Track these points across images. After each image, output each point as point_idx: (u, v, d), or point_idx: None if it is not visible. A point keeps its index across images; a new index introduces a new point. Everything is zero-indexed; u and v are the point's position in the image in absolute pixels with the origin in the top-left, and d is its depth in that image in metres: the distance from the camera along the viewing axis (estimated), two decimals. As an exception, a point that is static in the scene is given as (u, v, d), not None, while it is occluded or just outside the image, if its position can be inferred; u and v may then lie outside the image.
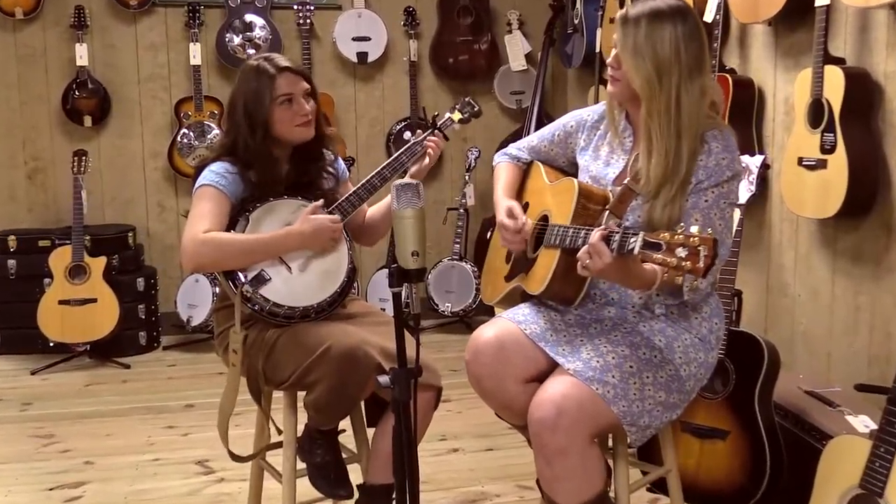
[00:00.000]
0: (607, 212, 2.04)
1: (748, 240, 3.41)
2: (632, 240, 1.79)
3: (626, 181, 2.05)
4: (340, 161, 2.60)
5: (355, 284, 4.84)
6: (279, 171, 2.40)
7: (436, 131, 2.59)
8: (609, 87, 2.12)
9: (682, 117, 2.00)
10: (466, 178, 4.84)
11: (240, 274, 2.27)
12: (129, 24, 4.78)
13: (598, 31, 4.29)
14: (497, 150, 2.57)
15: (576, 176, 2.30)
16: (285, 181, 2.41)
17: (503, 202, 2.29)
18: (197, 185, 2.34)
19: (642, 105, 2.03)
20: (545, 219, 2.21)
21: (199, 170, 2.38)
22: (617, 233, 1.84)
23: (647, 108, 2.02)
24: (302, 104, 2.38)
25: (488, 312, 2.55)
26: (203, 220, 2.26)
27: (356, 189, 2.45)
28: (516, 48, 5.02)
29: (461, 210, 4.82)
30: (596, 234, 1.86)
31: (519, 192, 2.39)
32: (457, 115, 2.69)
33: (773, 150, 3.29)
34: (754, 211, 3.37)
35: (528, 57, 5.03)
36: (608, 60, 2.10)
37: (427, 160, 2.53)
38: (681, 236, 1.69)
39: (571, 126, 2.30)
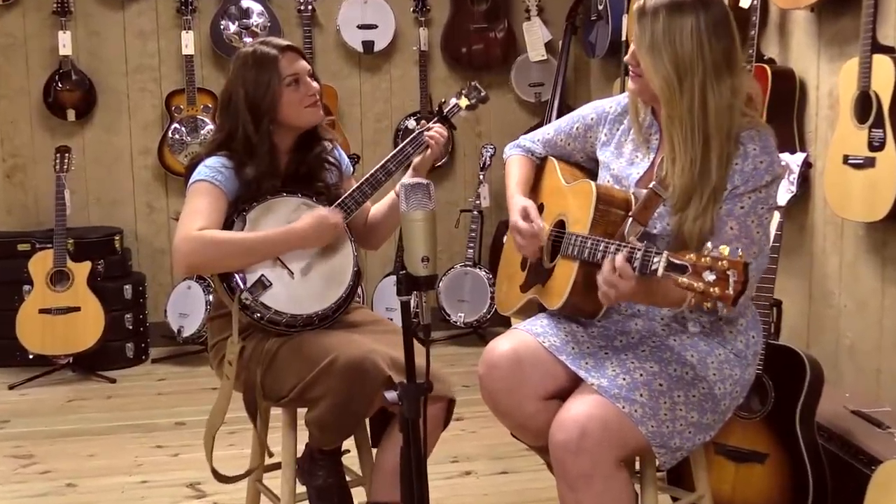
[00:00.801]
0: (631, 219, 2.02)
1: (788, 245, 3.39)
2: (655, 259, 1.78)
3: (651, 185, 2.03)
4: (342, 153, 2.60)
5: (360, 292, 4.85)
6: (279, 162, 2.42)
7: (442, 119, 2.60)
8: (629, 83, 2.11)
9: (710, 121, 1.97)
10: (481, 177, 4.84)
11: (238, 279, 2.28)
12: (117, 11, 4.80)
13: (625, 18, 4.29)
14: (511, 145, 2.56)
15: (595, 173, 2.30)
16: (284, 174, 2.42)
17: (517, 201, 2.27)
18: (191, 181, 2.35)
19: (662, 108, 2.01)
20: (561, 224, 2.20)
21: (192, 167, 2.39)
22: (639, 250, 1.83)
23: (668, 113, 1.99)
24: (309, 83, 2.41)
25: (504, 323, 2.55)
26: (197, 217, 2.27)
27: (359, 185, 2.45)
28: (535, 36, 5.02)
29: (475, 212, 4.81)
30: (619, 257, 1.85)
31: (533, 190, 2.38)
32: (464, 101, 2.69)
33: (815, 148, 3.28)
34: (795, 213, 3.35)
35: (548, 46, 5.03)
36: (626, 57, 2.09)
37: (429, 151, 2.53)
38: (708, 258, 1.68)
39: (592, 118, 2.28)
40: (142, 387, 4.33)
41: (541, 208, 2.34)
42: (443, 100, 2.72)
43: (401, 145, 2.54)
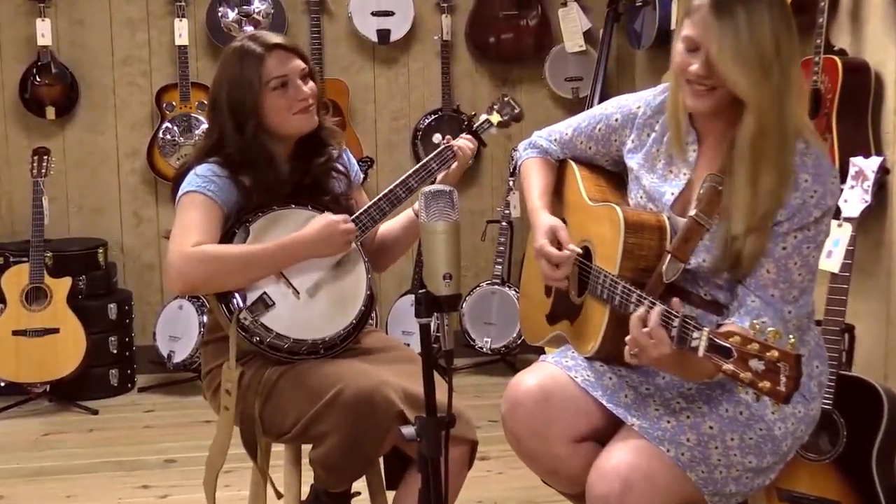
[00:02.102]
0: (669, 255, 2.00)
1: (862, 262, 3.36)
2: (694, 335, 1.77)
3: (693, 212, 2.00)
4: (351, 157, 2.61)
5: (373, 314, 4.84)
6: (278, 172, 2.42)
7: (471, 134, 2.64)
8: (691, 101, 2.00)
9: (789, 128, 1.94)
10: (510, 183, 4.84)
11: (237, 297, 2.29)
12: (103, -4, 4.85)
13: (674, 4, 4.28)
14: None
15: (621, 177, 2.28)
16: (287, 185, 2.43)
17: (543, 219, 2.25)
18: (180, 192, 2.37)
19: (750, 121, 1.93)
20: (587, 252, 2.19)
21: (180, 176, 2.41)
22: (676, 316, 1.81)
23: (760, 125, 1.92)
24: (299, 87, 2.40)
25: (537, 350, 2.53)
26: (190, 233, 2.28)
27: (376, 201, 2.46)
28: (573, 25, 5.02)
29: (504, 223, 4.81)
30: (654, 317, 1.83)
31: (554, 202, 2.37)
32: (495, 118, 2.75)
33: (893, 151, 3.26)
34: (870, 226, 3.33)
35: (587, 35, 5.02)
36: (694, 68, 1.96)
37: (455, 165, 2.54)
38: (756, 345, 1.66)
39: (616, 120, 2.25)
40: (127, 419, 4.34)
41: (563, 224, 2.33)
42: (473, 113, 2.76)
43: (424, 160, 2.56)
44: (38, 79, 4.70)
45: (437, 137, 4.86)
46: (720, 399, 2.02)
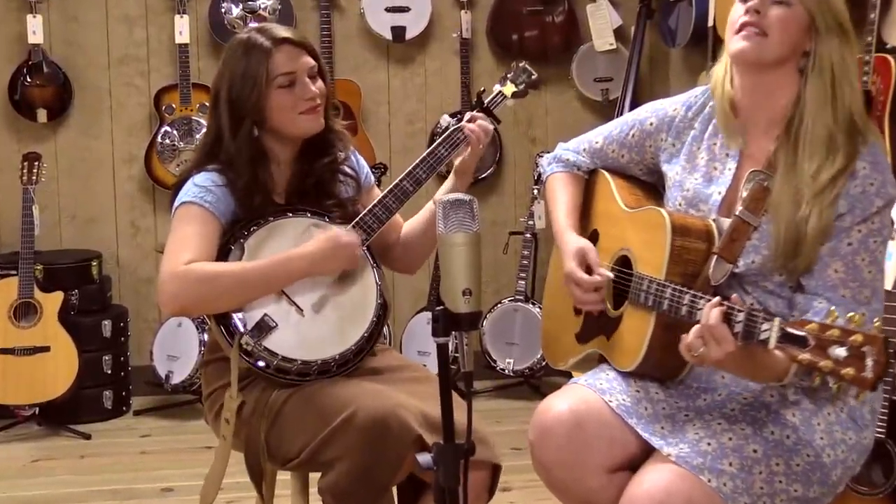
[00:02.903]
0: (715, 256, 2.02)
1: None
2: (763, 327, 1.77)
3: (738, 210, 2.02)
4: (361, 159, 2.62)
5: (386, 331, 4.82)
6: (276, 176, 2.43)
7: (483, 112, 2.59)
8: (738, 45, 2.05)
9: (845, 103, 1.99)
10: (535, 192, 4.84)
11: (237, 321, 2.29)
12: (98, -9, 4.88)
13: (712, 0, 4.27)
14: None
15: (658, 189, 2.29)
16: (287, 189, 2.44)
17: (570, 241, 2.27)
18: (176, 203, 2.37)
19: (821, 60, 2.01)
20: (625, 261, 2.20)
21: (179, 185, 2.41)
22: (741, 311, 1.81)
23: (832, 81, 2.00)
24: (307, 85, 2.41)
25: (564, 372, 2.52)
26: (185, 248, 2.29)
27: (381, 198, 2.46)
28: (602, 21, 5.02)
29: (528, 235, 4.81)
30: (714, 314, 1.83)
31: (582, 214, 2.38)
32: (509, 88, 2.68)
33: (950, 158, 3.24)
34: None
35: (618, 32, 5.03)
36: (749, 3, 2.03)
37: (469, 150, 2.53)
38: (836, 330, 1.66)
39: (651, 124, 2.27)
40: (122, 444, 4.35)
41: (594, 236, 2.34)
42: (482, 89, 2.72)
43: (431, 147, 2.54)
44: (28, 79, 4.73)
45: (444, 119, 4.87)
46: (765, 421, 2.01)
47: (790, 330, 1.72)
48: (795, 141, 2.01)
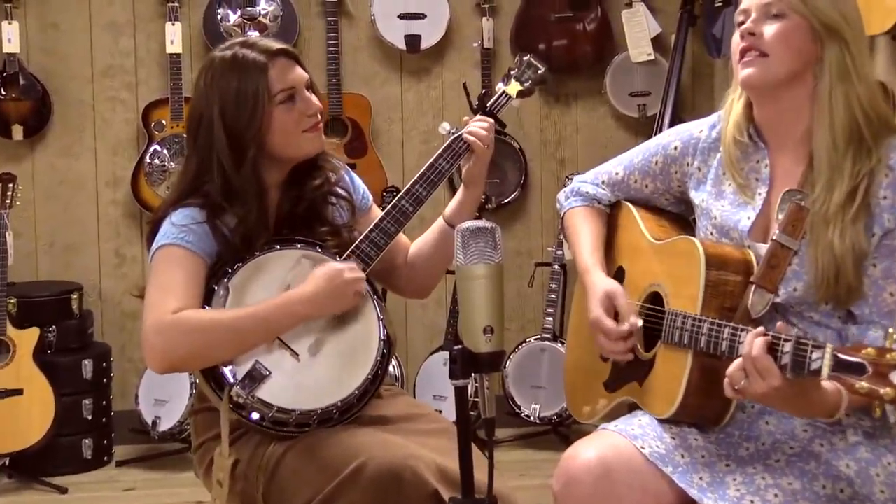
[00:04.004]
0: (753, 286, 2.03)
1: None
2: (814, 356, 1.77)
3: (775, 234, 2.04)
4: (356, 179, 2.62)
5: (398, 372, 4.81)
6: (268, 206, 2.44)
7: (485, 115, 2.58)
8: (742, 74, 2.12)
9: (864, 110, 2.03)
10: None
11: (226, 371, 2.29)
12: (81, -5, 4.92)
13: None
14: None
15: (686, 219, 2.30)
16: (276, 218, 2.45)
17: (597, 282, 2.28)
18: (154, 246, 2.38)
19: (819, 85, 2.05)
20: (656, 298, 2.20)
21: (156, 223, 2.42)
22: (787, 340, 1.82)
23: (830, 88, 2.04)
24: (308, 99, 2.43)
25: (595, 419, 2.54)
26: (169, 296, 2.29)
27: (378, 221, 2.46)
28: (639, 29, 5.03)
29: (556, 266, 4.81)
30: (758, 343, 1.84)
31: (606, 250, 2.39)
32: (514, 87, 2.65)
33: None
34: None
35: (657, 42, 5.04)
36: (742, 23, 2.11)
37: (474, 159, 2.52)
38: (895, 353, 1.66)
39: (675, 148, 2.30)
40: (103, 499, 4.35)
41: (620, 274, 2.34)
42: (483, 91, 2.70)
43: (431, 159, 2.54)
44: (3, 92, 4.75)
45: (444, 127, 4.87)
46: (816, 473, 2.01)
47: (844, 356, 1.72)
48: (820, 156, 2.05)
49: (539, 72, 2.67)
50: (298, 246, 2.41)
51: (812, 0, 2.05)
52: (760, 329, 1.88)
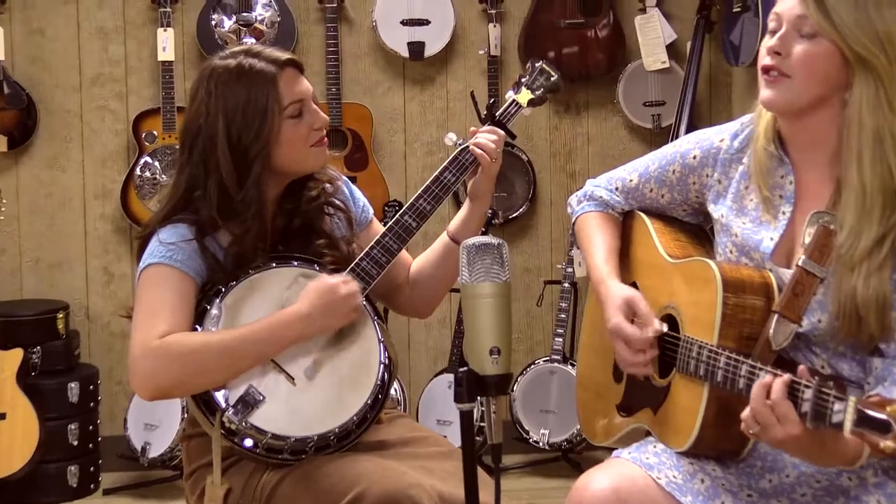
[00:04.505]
0: (776, 315, 2.02)
1: None
2: (835, 408, 1.75)
3: (801, 259, 2.02)
4: (355, 190, 2.62)
5: (400, 395, 4.81)
6: (266, 223, 2.44)
7: (494, 125, 2.58)
8: (762, 93, 2.09)
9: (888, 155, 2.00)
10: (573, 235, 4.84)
11: (217, 396, 2.29)
12: (68, 1, 4.89)
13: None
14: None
15: (708, 234, 2.29)
16: (272, 233, 2.45)
17: (613, 289, 2.26)
18: (141, 265, 2.38)
19: (848, 112, 2.01)
20: (670, 321, 2.19)
21: (144, 240, 2.42)
22: (808, 387, 1.80)
23: (860, 122, 2.00)
24: (316, 112, 2.44)
25: (607, 447, 2.51)
26: (157, 318, 2.29)
27: (380, 237, 2.46)
28: (653, 36, 5.04)
29: (566, 284, 4.81)
30: (777, 388, 1.83)
31: (621, 264, 2.38)
32: (524, 95, 2.64)
33: None
34: None
35: (672, 49, 5.05)
36: (769, 44, 2.07)
37: (480, 172, 2.52)
38: None
39: (694, 157, 2.28)
40: (89, 528, 4.34)
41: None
42: (492, 100, 2.69)
43: (436, 172, 2.54)
44: (-13, 102, 4.77)
45: (449, 138, 4.86)
46: (841, 509, 2.00)
47: (869, 412, 1.70)
48: (848, 199, 2.02)
49: (552, 79, 2.65)
50: (295, 264, 2.42)
51: (845, 26, 2.00)
52: (784, 377, 1.86)
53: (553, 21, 5.02)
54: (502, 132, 2.57)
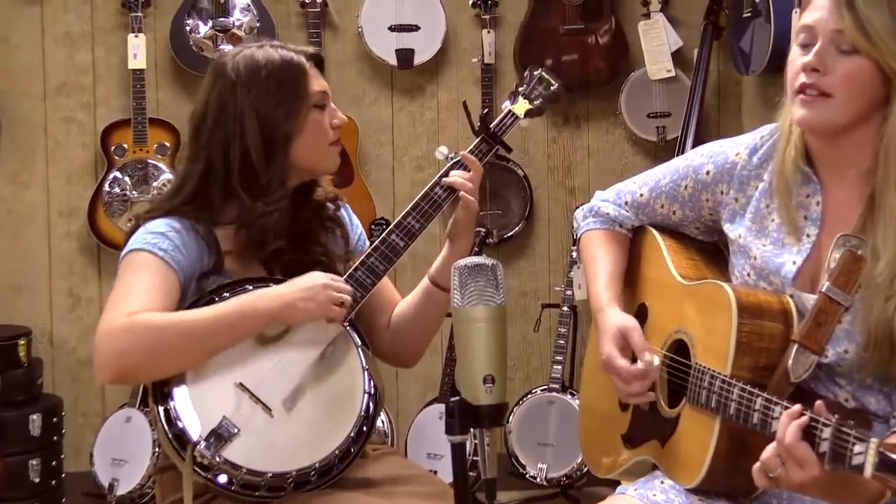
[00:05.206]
0: (796, 345, 2.01)
1: None
2: (856, 450, 1.75)
3: (825, 286, 2.02)
4: (354, 217, 2.64)
5: (387, 428, 4.80)
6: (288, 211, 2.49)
7: (489, 138, 2.58)
8: (798, 113, 2.07)
9: None
10: (574, 254, 4.84)
11: (187, 426, 2.28)
12: (32, 4, 4.90)
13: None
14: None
15: (724, 253, 2.29)
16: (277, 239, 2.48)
17: (609, 317, 2.27)
18: (124, 251, 2.40)
19: (887, 128, 2.01)
20: (680, 347, 2.20)
21: (127, 240, 2.45)
22: (827, 425, 1.80)
23: (884, 149, 2.00)
24: (335, 110, 2.52)
25: (611, 481, 2.50)
26: (129, 300, 2.31)
27: (365, 257, 2.48)
28: (658, 43, 5.05)
29: (565, 308, 4.81)
30: (792, 430, 1.83)
31: (627, 279, 2.38)
32: (522, 106, 2.63)
33: None
34: None
35: (678, 57, 5.06)
36: (808, 59, 2.06)
37: (460, 210, 2.52)
38: None
39: (708, 172, 2.28)
40: (53, 571, 4.33)
41: (642, 312, 2.34)
42: (486, 110, 2.68)
43: (426, 188, 2.55)
44: (-55, 113, 4.77)
45: (441, 151, 4.85)
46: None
47: (892, 455, 1.70)
48: (887, 229, 2.01)
49: (552, 88, 2.65)
50: (271, 285, 2.42)
51: (882, 41, 1.99)
52: (797, 408, 1.85)
53: (551, 27, 5.03)
54: (479, 168, 2.56)
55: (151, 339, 2.28)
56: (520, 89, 2.67)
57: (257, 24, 4.83)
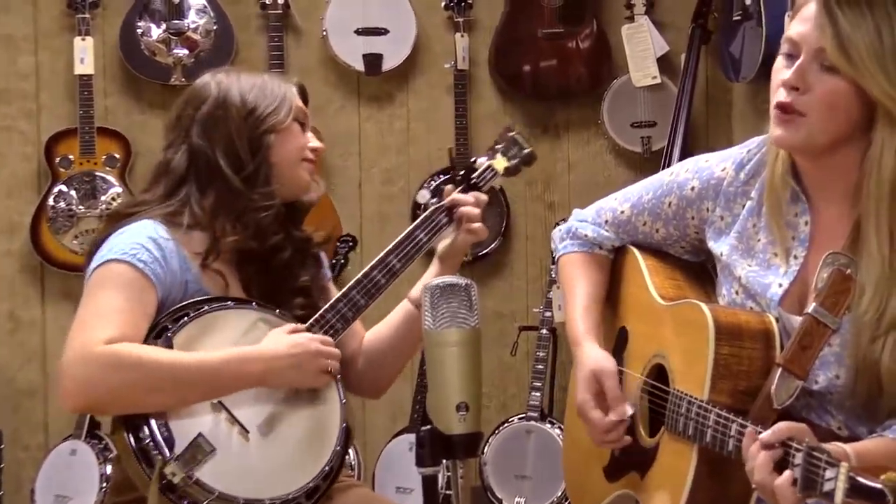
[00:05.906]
0: (779, 369, 2.02)
1: None
2: (827, 474, 1.76)
3: (811, 308, 2.02)
4: (323, 255, 2.68)
5: (354, 460, 4.79)
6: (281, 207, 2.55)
7: (472, 190, 2.66)
8: (775, 129, 2.08)
9: None
10: (552, 273, 4.85)
11: (158, 440, 2.28)
12: (-28, 6, 4.91)
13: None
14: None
15: (710, 273, 2.30)
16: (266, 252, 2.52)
17: (587, 354, 2.29)
18: (96, 261, 2.39)
19: (870, 152, 2.02)
20: (661, 371, 2.21)
21: (99, 244, 2.44)
22: (799, 451, 1.82)
23: (878, 174, 2.01)
24: (313, 137, 2.61)
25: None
26: (105, 322, 2.30)
27: (347, 290, 2.50)
28: (642, 47, 5.06)
29: (544, 331, 4.81)
30: (762, 463, 1.84)
31: (608, 300, 2.40)
32: (501, 162, 2.73)
33: None
34: None
35: (664, 62, 5.08)
36: (784, 78, 2.07)
37: (460, 236, 2.56)
38: None
39: (692, 189, 2.29)
40: None
41: (623, 337, 2.35)
42: (473, 159, 2.76)
43: (409, 229, 2.59)
44: None
45: (422, 196, 4.86)
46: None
47: (862, 480, 1.71)
48: (870, 266, 2.02)
49: (524, 151, 2.74)
50: (254, 305, 2.44)
51: (864, 64, 1.98)
52: (765, 437, 1.86)
53: (529, 30, 5.04)
54: (483, 196, 2.65)
55: (126, 377, 2.28)
56: (498, 147, 2.76)
57: (214, 27, 4.82)
